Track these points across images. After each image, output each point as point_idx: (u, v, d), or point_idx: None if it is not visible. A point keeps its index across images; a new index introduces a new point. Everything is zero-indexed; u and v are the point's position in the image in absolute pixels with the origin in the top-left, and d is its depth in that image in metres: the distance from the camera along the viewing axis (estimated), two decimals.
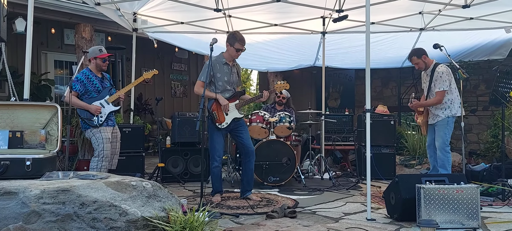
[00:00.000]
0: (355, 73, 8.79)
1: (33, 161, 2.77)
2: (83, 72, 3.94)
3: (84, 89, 3.88)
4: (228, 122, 3.84)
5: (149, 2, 5.34)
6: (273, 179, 4.73)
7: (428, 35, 5.89)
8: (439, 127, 4.21)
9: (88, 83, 3.91)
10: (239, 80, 4.02)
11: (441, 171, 4.17)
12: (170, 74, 9.78)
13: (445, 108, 4.19)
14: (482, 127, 7.07)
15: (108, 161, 3.87)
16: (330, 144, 5.92)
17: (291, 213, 3.30)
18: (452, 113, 4.18)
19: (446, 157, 4.15)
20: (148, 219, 2.36)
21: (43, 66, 7.54)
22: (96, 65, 3.98)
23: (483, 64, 6.74)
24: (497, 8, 5.08)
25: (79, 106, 3.86)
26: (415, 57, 4.28)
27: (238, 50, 3.83)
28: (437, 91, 4.13)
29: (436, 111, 4.23)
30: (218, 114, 3.82)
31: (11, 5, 5.59)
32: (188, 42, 6.67)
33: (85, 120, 3.84)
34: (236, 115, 3.87)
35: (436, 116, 4.22)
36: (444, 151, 4.15)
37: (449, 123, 4.19)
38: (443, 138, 4.16)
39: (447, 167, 4.14)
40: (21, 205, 2.25)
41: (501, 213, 3.50)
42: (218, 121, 3.82)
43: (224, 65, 3.87)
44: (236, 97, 3.91)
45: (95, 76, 3.97)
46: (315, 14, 5.67)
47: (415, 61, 4.30)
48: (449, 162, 4.16)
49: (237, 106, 3.89)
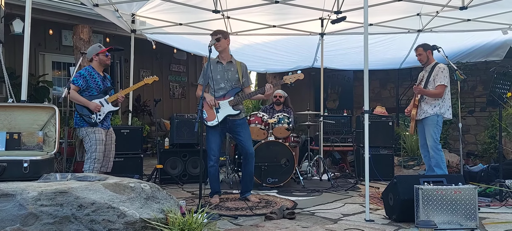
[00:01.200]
0: (353, 74, 8.82)
1: (31, 162, 2.77)
2: (86, 69, 3.88)
3: (86, 85, 3.81)
4: (220, 119, 3.78)
5: (148, 3, 5.33)
6: (272, 180, 4.73)
7: (426, 36, 5.91)
8: (427, 126, 4.22)
9: (91, 80, 3.85)
10: (240, 78, 3.88)
11: (436, 170, 4.18)
12: (169, 76, 9.78)
13: (435, 105, 4.20)
14: (479, 128, 7.09)
15: (100, 163, 3.79)
16: (328, 145, 5.93)
17: (290, 214, 3.30)
18: (441, 111, 4.20)
19: (439, 155, 4.16)
20: (147, 221, 2.35)
21: (41, 68, 7.52)
22: (99, 61, 3.92)
23: (481, 65, 6.77)
24: (494, 10, 5.11)
25: (78, 102, 3.78)
26: (422, 48, 4.35)
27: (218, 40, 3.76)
28: (439, 85, 4.16)
29: (425, 106, 4.24)
30: (207, 112, 3.81)
31: (9, 6, 5.58)
32: (186, 43, 6.67)
33: (84, 116, 3.76)
34: (229, 112, 3.81)
35: (424, 112, 4.24)
36: (437, 150, 4.17)
37: (439, 122, 4.20)
38: (433, 137, 4.18)
39: (442, 165, 4.15)
40: (18, 207, 2.23)
41: (499, 213, 3.51)
42: (208, 119, 3.80)
43: (217, 64, 3.87)
44: (231, 95, 3.85)
45: (98, 74, 3.91)
46: (313, 16, 5.68)
47: (419, 52, 4.35)
48: (443, 160, 4.17)
49: (231, 103, 3.82)
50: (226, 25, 5.84)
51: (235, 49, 6.57)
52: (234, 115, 3.84)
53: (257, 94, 3.95)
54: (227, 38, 3.87)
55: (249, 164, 3.91)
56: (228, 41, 3.88)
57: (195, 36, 6.23)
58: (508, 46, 6.10)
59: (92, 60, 3.94)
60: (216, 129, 3.83)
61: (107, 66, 4.02)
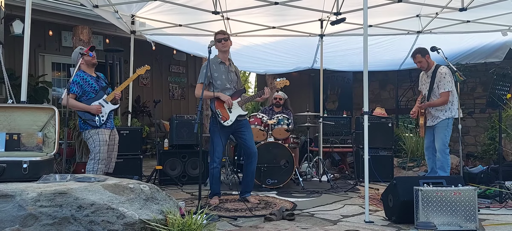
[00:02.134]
0: (353, 75, 8.82)
1: (30, 163, 2.76)
2: (78, 74, 3.88)
3: (81, 91, 3.83)
4: (233, 119, 3.81)
5: (147, 4, 5.34)
6: (271, 182, 4.73)
7: (425, 38, 5.91)
8: (439, 129, 4.22)
9: (85, 84, 3.85)
10: (239, 80, 4.00)
11: (440, 173, 4.18)
12: (168, 77, 9.78)
13: (446, 109, 4.20)
14: (479, 129, 7.09)
15: (104, 163, 3.83)
16: (328, 146, 5.92)
17: (289, 215, 3.30)
18: (452, 114, 4.20)
19: (445, 159, 4.16)
20: (146, 221, 2.35)
21: (40, 69, 7.52)
22: (86, 63, 3.90)
23: (480, 67, 6.77)
24: (494, 11, 5.11)
25: (78, 108, 3.81)
26: (420, 55, 4.30)
27: (220, 40, 3.80)
28: (443, 92, 4.15)
29: (436, 113, 4.24)
30: (222, 112, 3.82)
31: (9, 7, 5.58)
32: (186, 44, 6.67)
33: (87, 121, 3.79)
34: (240, 112, 3.86)
35: (437, 118, 4.23)
36: (444, 153, 4.16)
37: (449, 125, 4.20)
38: (443, 140, 4.17)
39: (446, 169, 4.15)
40: (17, 208, 2.23)
41: (499, 215, 3.51)
42: (223, 118, 3.80)
43: (220, 64, 3.88)
44: (238, 95, 3.90)
45: (90, 76, 3.91)
46: (313, 17, 5.68)
47: (418, 59, 4.31)
48: (448, 164, 4.17)
49: (239, 104, 3.88)
50: (226, 26, 5.84)
51: (234, 51, 6.55)
52: (243, 115, 3.89)
53: (256, 97, 4.08)
54: (229, 40, 3.91)
55: (252, 163, 3.92)
56: (230, 43, 3.92)
57: (194, 37, 6.23)
58: (507, 47, 6.10)
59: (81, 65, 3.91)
60: (226, 129, 3.84)
61: (95, 65, 3.99)
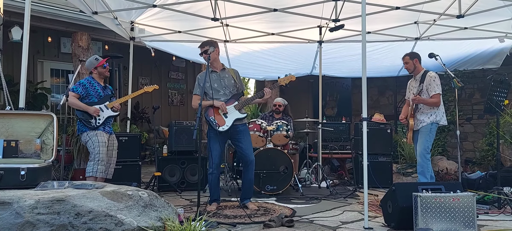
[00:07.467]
0: (351, 82, 8.85)
1: (28, 170, 2.75)
2: (87, 79, 4.04)
3: (85, 93, 3.94)
4: (229, 124, 3.81)
5: (147, 11, 5.36)
6: (270, 188, 4.71)
7: (424, 44, 5.95)
8: (422, 133, 4.21)
9: (90, 88, 3.99)
10: (236, 83, 3.95)
11: (420, 178, 4.17)
12: (167, 83, 9.79)
13: (431, 114, 4.20)
14: (477, 135, 7.11)
15: (104, 164, 3.85)
16: (327, 152, 5.92)
17: (288, 222, 3.29)
18: (437, 119, 4.19)
19: (426, 163, 4.14)
20: (144, 229, 2.34)
21: (39, 75, 7.52)
22: (99, 74, 4.07)
23: (478, 73, 6.81)
24: (491, 18, 5.15)
25: (78, 107, 3.90)
26: (408, 57, 4.37)
27: (201, 54, 3.91)
28: (434, 94, 4.16)
29: (421, 117, 4.24)
30: (216, 118, 3.82)
31: (8, 14, 5.59)
32: (185, 51, 6.69)
33: (83, 120, 3.87)
34: (237, 116, 3.85)
35: (421, 121, 4.23)
36: (425, 158, 4.15)
37: (432, 130, 4.19)
38: (425, 144, 4.17)
39: (426, 174, 4.12)
40: (15, 215, 2.22)
41: (497, 221, 3.51)
42: (218, 125, 3.81)
43: (211, 73, 3.91)
44: (234, 99, 3.90)
45: (98, 83, 4.06)
46: (311, 24, 5.71)
47: (406, 60, 4.37)
48: (428, 169, 4.14)
49: (236, 108, 3.87)
50: (225, 33, 5.87)
51: (233, 57, 6.60)
52: (241, 119, 3.87)
53: (255, 99, 4.01)
54: (217, 47, 3.92)
55: (249, 171, 3.91)
56: (217, 51, 3.94)
57: (194, 43, 6.23)
58: (505, 54, 6.14)
59: (92, 73, 4.07)
60: (222, 135, 3.84)
61: (107, 77, 4.15)
